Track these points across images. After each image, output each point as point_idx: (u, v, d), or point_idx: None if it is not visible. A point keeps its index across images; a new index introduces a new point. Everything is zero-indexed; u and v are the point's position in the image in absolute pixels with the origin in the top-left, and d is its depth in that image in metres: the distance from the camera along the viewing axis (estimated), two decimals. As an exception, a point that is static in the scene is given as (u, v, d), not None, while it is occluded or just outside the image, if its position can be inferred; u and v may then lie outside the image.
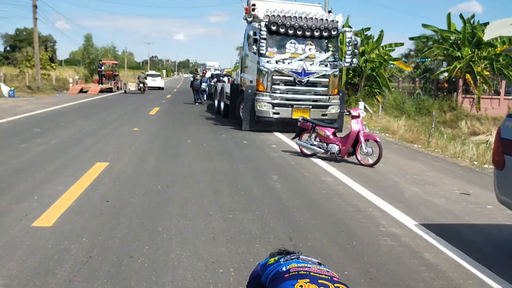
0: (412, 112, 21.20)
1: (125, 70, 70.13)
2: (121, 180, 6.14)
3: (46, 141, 9.06)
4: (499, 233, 4.81)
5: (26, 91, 26.06)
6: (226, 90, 15.34)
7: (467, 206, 5.76)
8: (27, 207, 4.78)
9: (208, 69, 39.39)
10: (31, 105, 17.44)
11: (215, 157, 8.19)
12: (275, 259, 2.14)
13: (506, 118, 4.11)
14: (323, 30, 11.78)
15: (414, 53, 39.67)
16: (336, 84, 12.27)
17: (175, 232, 4.25)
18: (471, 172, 8.22)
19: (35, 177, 6.07)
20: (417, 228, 4.76)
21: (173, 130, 11.91)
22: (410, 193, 6.25)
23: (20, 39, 60.44)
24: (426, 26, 24.61)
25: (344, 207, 5.41)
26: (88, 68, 43.29)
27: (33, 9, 27.44)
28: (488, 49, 22.63)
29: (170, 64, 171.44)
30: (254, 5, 12.09)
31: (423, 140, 12.18)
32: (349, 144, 8.16)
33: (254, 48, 11.69)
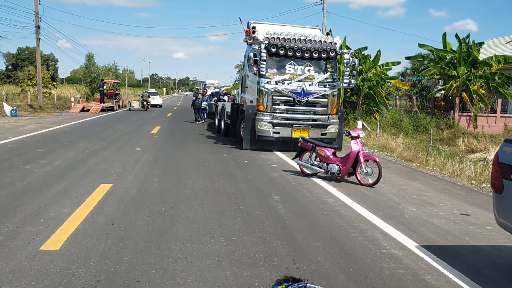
0: (410, 130, 21.36)
1: (126, 88, 70.59)
2: (126, 202, 6.22)
3: (50, 162, 9.16)
4: (499, 254, 4.89)
5: (28, 110, 26.24)
6: (226, 109, 15.53)
7: (467, 227, 5.85)
8: (34, 230, 4.87)
9: (208, 87, 39.74)
10: (34, 125, 17.58)
11: (217, 177, 8.29)
12: (283, 287, 2.23)
13: (503, 143, 4.23)
14: (321, 52, 12.02)
15: (411, 71, 40.17)
16: (335, 104, 12.45)
17: (180, 256, 4.33)
18: (470, 191, 8.32)
19: (41, 200, 6.15)
20: (418, 249, 4.85)
21: (175, 149, 12.03)
22: (410, 214, 6.35)
23: (22, 58, 60.99)
24: (422, 46, 24.98)
25: (346, 229, 5.50)
26: (89, 87, 43.60)
27: (36, 30, 27.81)
28: (484, 68, 22.95)
29: (170, 82, 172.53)
30: (254, 28, 12.34)
31: (421, 158, 12.31)
32: (349, 164, 8.28)
33: (254, 69, 11.90)
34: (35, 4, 27.60)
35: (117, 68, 62.84)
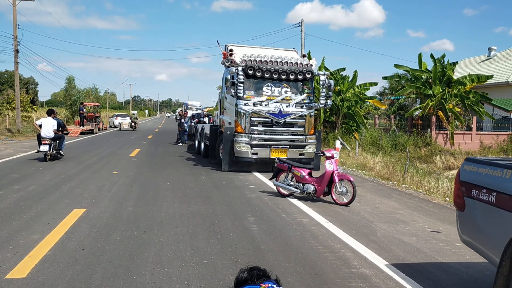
0: (388, 148, 21.69)
1: (107, 110, 70.17)
2: (98, 227, 6.17)
3: (24, 187, 9.03)
4: (466, 271, 4.98)
5: (6, 134, 25.85)
6: (206, 131, 15.58)
7: (437, 244, 5.95)
8: (1, 258, 4.78)
9: (190, 108, 39.82)
10: (11, 149, 17.33)
11: (193, 200, 8.28)
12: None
13: (464, 162, 4.36)
14: (297, 74, 12.23)
15: (388, 91, 40.91)
16: (312, 124, 12.62)
17: (149, 281, 4.30)
18: (443, 209, 8.47)
19: (11, 226, 6.06)
20: (388, 268, 4.91)
21: (153, 172, 11.97)
22: (382, 232, 6.43)
23: (1, 82, 60.22)
24: (398, 66, 25.58)
25: (318, 249, 5.54)
26: (69, 110, 43.31)
27: (14, 54, 27.64)
28: (459, 87, 23.56)
29: (152, 104, 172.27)
30: (231, 50, 12.52)
31: (399, 176, 12.49)
32: (324, 184, 8.36)
33: (232, 91, 12.03)
34: (14, 28, 27.49)
35: (98, 91, 62.69)
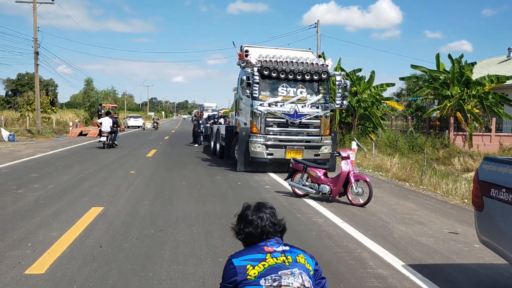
0: (406, 149, 21.44)
1: (125, 112, 70.97)
2: (115, 225, 6.24)
3: (43, 186, 9.19)
4: (485, 273, 4.90)
5: (26, 135, 26.36)
6: (221, 132, 15.65)
7: (455, 246, 5.86)
8: (21, 254, 4.88)
9: (206, 110, 40.01)
10: (30, 150, 17.65)
11: (209, 199, 8.31)
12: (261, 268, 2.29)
13: (483, 161, 4.29)
14: (313, 74, 12.19)
15: (406, 92, 40.48)
16: (328, 125, 12.56)
17: (165, 278, 4.34)
18: (461, 210, 8.34)
19: (30, 224, 6.17)
20: (404, 269, 4.85)
21: (169, 172, 12.06)
22: (399, 233, 6.36)
23: (22, 84, 61.39)
24: (415, 67, 25.28)
25: (334, 249, 5.51)
26: (88, 111, 43.90)
27: (34, 56, 28.18)
28: (477, 87, 23.17)
29: (169, 106, 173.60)
30: (247, 51, 12.55)
31: (416, 178, 12.34)
32: (339, 185, 8.32)
33: (247, 92, 12.05)
34: (34, 30, 28.05)
35: (116, 93, 63.43)
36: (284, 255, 2.33)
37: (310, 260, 2.42)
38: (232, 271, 2.28)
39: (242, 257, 2.32)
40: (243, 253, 2.36)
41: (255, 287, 2.21)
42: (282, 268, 2.26)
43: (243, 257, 2.31)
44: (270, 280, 2.22)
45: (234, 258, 2.33)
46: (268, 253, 2.32)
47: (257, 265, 2.26)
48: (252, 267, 2.26)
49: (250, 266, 2.26)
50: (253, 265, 2.26)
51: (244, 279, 2.23)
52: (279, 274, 2.24)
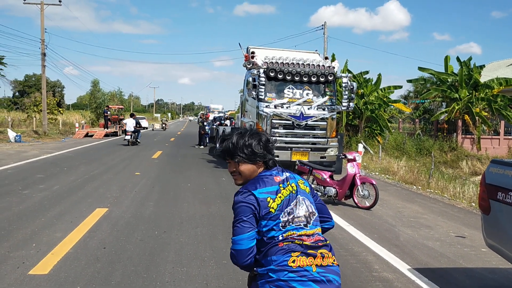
0: (413, 152, 21.30)
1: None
2: (119, 226, 6.23)
3: (48, 187, 9.22)
4: (492, 277, 4.83)
5: (33, 135, 26.52)
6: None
7: (462, 249, 5.79)
8: (25, 254, 4.88)
9: (212, 111, 40.06)
10: (36, 150, 17.74)
11: (213, 201, 8.29)
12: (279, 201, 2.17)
13: (490, 164, 4.23)
14: (319, 76, 12.15)
15: (413, 94, 40.26)
16: (334, 127, 12.49)
17: (169, 279, 4.31)
18: (468, 214, 8.25)
19: (35, 224, 6.18)
20: (410, 272, 4.79)
21: (174, 173, 12.06)
22: (405, 237, 6.30)
23: (29, 85, 61.88)
24: (423, 69, 25.14)
25: (339, 251, 5.46)
26: (94, 113, 44.14)
27: (41, 57, 28.36)
28: (486, 90, 22.98)
29: (175, 107, 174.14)
30: (253, 53, 12.53)
31: (423, 181, 12.24)
32: (345, 187, 8.26)
33: (253, 94, 12.02)
34: (41, 32, 28.24)
35: (122, 94, 63.77)
36: (289, 183, 2.21)
37: (306, 182, 2.33)
38: (254, 203, 2.10)
39: (260, 189, 2.13)
40: (258, 185, 2.16)
41: (275, 222, 2.09)
42: (292, 198, 2.17)
43: (261, 190, 2.13)
44: (286, 213, 2.12)
45: (253, 190, 2.13)
46: (279, 183, 2.19)
47: (275, 198, 2.13)
48: (272, 200, 2.12)
49: (270, 199, 2.12)
50: (272, 198, 2.12)
51: (267, 212, 2.10)
52: (291, 205, 2.16)
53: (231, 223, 2.18)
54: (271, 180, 2.18)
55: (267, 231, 2.10)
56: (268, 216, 2.09)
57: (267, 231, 2.10)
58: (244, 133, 2.27)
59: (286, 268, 2.02)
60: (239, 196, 2.13)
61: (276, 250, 2.06)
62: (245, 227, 2.08)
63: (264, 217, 2.09)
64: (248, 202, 2.09)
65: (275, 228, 2.09)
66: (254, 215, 2.09)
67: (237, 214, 2.11)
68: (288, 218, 2.12)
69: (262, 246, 2.11)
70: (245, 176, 2.25)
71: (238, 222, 2.10)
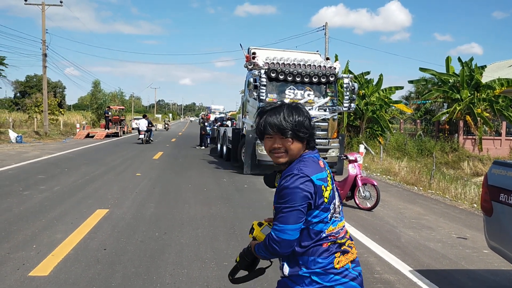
0: (414, 153, 21.27)
1: (132, 114, 71.29)
2: (120, 227, 6.21)
3: (49, 187, 9.21)
4: (494, 279, 4.80)
5: (34, 136, 26.53)
6: (228, 134, 15.63)
7: (463, 251, 5.76)
8: (25, 256, 4.86)
9: (213, 112, 40.06)
10: (37, 151, 17.74)
11: (214, 202, 8.27)
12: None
13: (492, 165, 4.21)
14: (321, 77, 12.14)
15: (414, 95, 40.20)
16: (335, 128, 12.48)
17: (169, 281, 4.30)
18: (470, 215, 8.22)
19: (36, 225, 6.17)
20: (412, 274, 4.77)
21: (175, 174, 12.05)
22: (407, 238, 6.27)
23: (30, 86, 61.93)
24: (424, 70, 25.12)
25: (340, 253, 5.43)
26: (95, 113, 44.16)
27: (42, 58, 28.38)
28: (487, 91, 22.95)
29: (176, 108, 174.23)
30: (254, 54, 12.53)
31: (425, 182, 12.21)
32: (346, 188, 8.23)
33: (254, 94, 12.02)
34: (43, 32, 28.26)
35: (123, 95, 63.73)
36: (328, 170, 2.01)
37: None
38: (312, 191, 1.87)
39: (317, 175, 1.90)
40: (310, 170, 1.91)
41: (326, 214, 1.91)
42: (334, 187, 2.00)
43: (317, 175, 1.90)
44: (333, 204, 1.96)
45: (312, 176, 1.89)
46: (324, 169, 1.98)
47: (327, 186, 1.93)
48: (325, 188, 1.92)
49: (324, 187, 1.91)
50: (325, 186, 1.92)
51: (322, 202, 1.90)
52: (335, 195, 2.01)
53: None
54: (317, 165, 1.96)
55: (317, 223, 1.92)
56: (322, 207, 1.91)
57: (316, 223, 1.92)
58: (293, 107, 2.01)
59: (332, 271, 1.91)
60: (296, 181, 1.86)
61: (321, 250, 1.92)
62: (298, 217, 1.86)
63: (318, 206, 1.90)
64: (306, 190, 1.86)
65: (325, 220, 1.93)
66: (309, 205, 1.89)
67: (290, 201, 1.86)
68: (335, 209, 1.98)
69: (305, 240, 1.92)
70: (292, 155, 1.98)
71: (291, 210, 1.85)
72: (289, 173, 1.90)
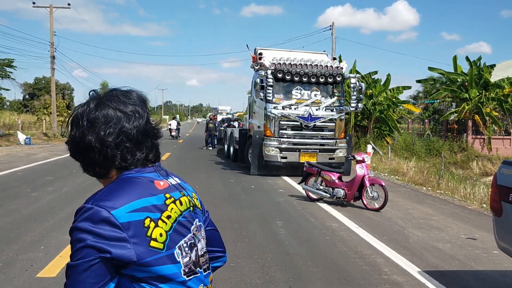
0: (422, 153, 21.14)
1: (139, 115, 71.53)
2: (127, 228, 6.22)
3: (57, 189, 9.26)
4: (503, 280, 4.74)
5: (42, 138, 26.73)
6: (235, 135, 15.63)
7: (473, 252, 5.70)
8: (33, 257, 4.89)
9: (220, 113, 40.15)
10: (46, 153, 17.86)
11: (221, 203, 8.26)
12: None
13: (501, 165, 4.16)
14: (328, 77, 12.09)
15: (422, 94, 39.97)
16: (342, 128, 12.43)
17: (176, 282, 4.28)
18: (479, 215, 8.14)
19: (44, 227, 6.20)
20: (420, 275, 4.73)
21: (183, 175, 11.87)
22: (415, 239, 6.22)
23: (39, 88, 62.33)
24: (432, 69, 24.97)
25: (347, 254, 5.40)
26: (103, 115, 44.34)
27: (51, 60, 28.57)
28: (496, 90, 22.75)
29: (183, 109, 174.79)
30: (260, 54, 12.52)
31: (433, 182, 12.12)
32: (354, 189, 8.19)
33: (261, 95, 12.00)
34: (51, 35, 28.45)
35: (131, 96, 63.96)
36: (183, 193, 1.33)
37: (197, 196, 1.46)
38: (109, 235, 1.11)
39: (126, 205, 1.15)
40: (121, 197, 1.17)
41: (166, 267, 1.17)
42: (190, 219, 1.30)
43: (129, 206, 1.15)
44: (186, 247, 1.24)
45: (112, 210, 1.13)
46: (164, 191, 1.26)
47: (160, 219, 1.19)
48: (154, 223, 1.17)
49: (151, 221, 1.17)
50: (155, 219, 1.18)
51: (148, 253, 1.14)
52: (192, 232, 1.29)
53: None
54: (147, 185, 1.25)
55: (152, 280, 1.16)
56: (154, 259, 1.15)
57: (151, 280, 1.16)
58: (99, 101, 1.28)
59: None
60: (81, 221, 1.16)
61: None
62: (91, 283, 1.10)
63: (142, 263, 1.14)
64: (95, 235, 1.13)
65: (170, 277, 1.18)
66: (106, 262, 1.12)
67: (74, 255, 1.20)
68: (191, 255, 1.26)
69: None
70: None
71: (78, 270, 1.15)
72: (80, 206, 1.19)
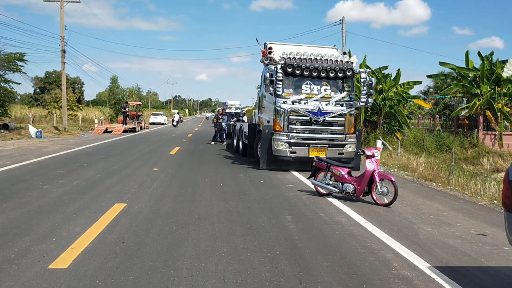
0: (433, 149, 20.96)
1: (149, 109, 71.90)
2: (138, 221, 6.28)
3: (68, 182, 9.35)
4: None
5: (53, 131, 26.97)
6: (244, 130, 15.63)
7: (483, 248, 5.67)
8: (45, 249, 4.95)
9: (229, 108, 40.15)
10: (57, 146, 18.03)
11: (231, 197, 8.29)
12: None
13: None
14: (338, 71, 12.03)
15: (433, 90, 39.63)
16: (352, 123, 12.37)
17: (186, 275, 4.32)
18: (490, 211, 8.08)
19: (55, 219, 6.27)
20: (430, 270, 4.71)
21: (192, 169, 12.11)
22: (425, 234, 6.19)
23: (50, 82, 62.83)
24: (444, 64, 24.71)
25: (357, 249, 5.40)
26: (113, 109, 44.65)
27: (61, 54, 28.78)
28: (508, 85, 22.48)
29: (193, 103, 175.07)
30: (270, 48, 12.48)
31: (443, 178, 12.04)
32: (364, 184, 8.17)
33: (270, 89, 11.98)
34: (61, 29, 28.63)
35: (141, 90, 64.36)
36: None
37: None
38: None
39: None
40: None
41: None
42: None
43: None
44: None
45: None
46: None
47: None
48: None
49: None
50: None
51: None
52: None
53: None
54: None
55: None
56: None
57: None
58: None
59: None
60: None
61: None
62: None
63: None
64: None
65: None
66: None
67: None
68: None
69: None
70: None
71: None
72: None
